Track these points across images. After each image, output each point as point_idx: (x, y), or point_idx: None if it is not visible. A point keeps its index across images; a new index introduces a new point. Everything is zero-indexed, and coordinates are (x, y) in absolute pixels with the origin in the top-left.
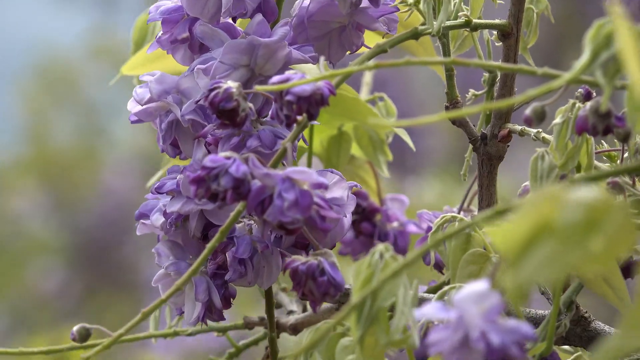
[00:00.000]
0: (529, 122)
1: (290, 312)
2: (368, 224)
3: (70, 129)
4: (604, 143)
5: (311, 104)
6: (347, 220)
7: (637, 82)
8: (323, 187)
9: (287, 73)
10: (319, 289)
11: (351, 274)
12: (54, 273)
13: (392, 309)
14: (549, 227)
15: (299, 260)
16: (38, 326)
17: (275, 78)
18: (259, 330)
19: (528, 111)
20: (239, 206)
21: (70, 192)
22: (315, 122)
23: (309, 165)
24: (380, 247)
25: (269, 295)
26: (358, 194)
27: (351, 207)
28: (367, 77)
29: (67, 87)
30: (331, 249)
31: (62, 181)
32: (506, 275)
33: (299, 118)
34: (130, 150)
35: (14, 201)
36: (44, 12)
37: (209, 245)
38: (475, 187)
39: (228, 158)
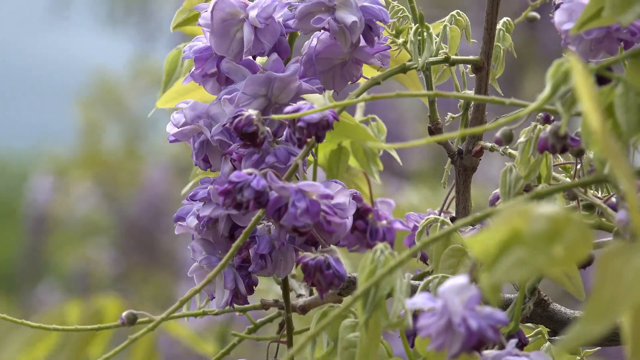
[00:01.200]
0: (499, 143)
1: (300, 296)
2: (362, 222)
3: (118, 135)
4: (560, 157)
5: (319, 129)
6: (349, 221)
7: (592, 113)
8: (329, 197)
9: (299, 103)
10: (325, 280)
11: (357, 267)
12: (103, 249)
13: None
14: (518, 236)
15: (309, 256)
16: (88, 292)
17: (289, 108)
18: (273, 310)
19: (498, 134)
20: (259, 212)
21: (117, 185)
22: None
23: (315, 173)
24: (380, 245)
25: (285, 283)
26: (354, 197)
27: (352, 211)
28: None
29: (115, 101)
30: (335, 243)
31: (111, 176)
32: (482, 276)
33: (309, 140)
34: (165, 153)
35: (73, 190)
36: (99, 42)
37: (235, 244)
38: (453, 193)
39: (250, 174)
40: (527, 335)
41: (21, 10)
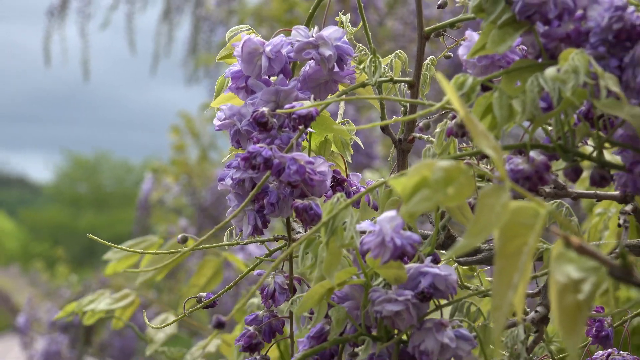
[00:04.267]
0: (421, 130)
1: (298, 232)
2: (340, 187)
3: (194, 151)
4: (464, 143)
5: (306, 119)
6: (328, 182)
7: (458, 107)
8: (312, 163)
9: (294, 103)
10: (309, 217)
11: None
12: (184, 223)
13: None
14: (425, 181)
15: (299, 202)
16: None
17: (287, 106)
18: (282, 243)
19: (421, 124)
20: (267, 173)
21: (193, 182)
22: (310, 130)
23: (309, 155)
24: (338, 194)
25: (288, 223)
26: (335, 171)
27: (330, 176)
28: (341, 110)
29: (192, 130)
30: (319, 197)
31: (190, 176)
32: (402, 208)
33: (300, 127)
34: (223, 162)
35: (166, 184)
36: (183, 92)
37: (251, 193)
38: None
39: (261, 147)
40: (441, 258)
41: (132, 71)
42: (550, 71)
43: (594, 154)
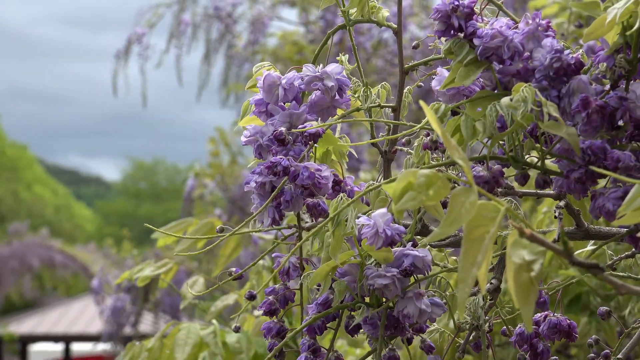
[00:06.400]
0: (404, 145)
1: (306, 222)
2: (338, 187)
3: (226, 155)
4: (436, 155)
5: (315, 137)
6: (330, 184)
7: (436, 128)
8: (319, 170)
9: (305, 124)
10: (317, 212)
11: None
12: (219, 212)
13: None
14: (411, 185)
15: (310, 200)
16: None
17: (300, 126)
18: (294, 230)
19: (403, 140)
20: (284, 178)
21: (226, 181)
22: (315, 145)
23: (315, 162)
24: (341, 194)
25: (298, 215)
26: (334, 174)
27: (331, 179)
28: (338, 128)
29: (225, 140)
30: (323, 196)
31: (223, 175)
32: (393, 206)
33: (310, 142)
34: (246, 165)
35: (205, 182)
36: (219, 112)
37: (273, 193)
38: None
39: (281, 158)
40: (418, 242)
41: (180, 98)
42: (505, 100)
43: (539, 163)
